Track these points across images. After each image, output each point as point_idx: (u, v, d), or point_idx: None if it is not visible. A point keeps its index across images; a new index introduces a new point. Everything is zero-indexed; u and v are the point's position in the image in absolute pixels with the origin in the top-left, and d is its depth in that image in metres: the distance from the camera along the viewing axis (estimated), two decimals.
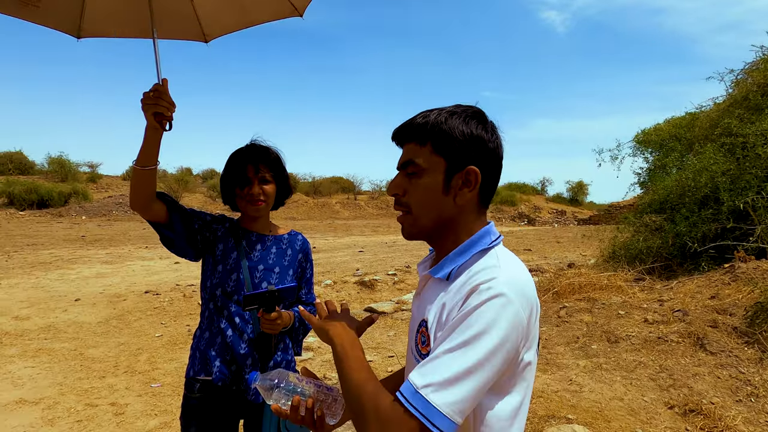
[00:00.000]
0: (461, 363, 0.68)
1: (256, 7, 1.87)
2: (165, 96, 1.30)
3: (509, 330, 0.70)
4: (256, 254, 1.54)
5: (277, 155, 1.58)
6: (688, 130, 8.16)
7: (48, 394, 3.66)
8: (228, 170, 1.54)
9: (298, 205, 29.50)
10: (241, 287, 1.49)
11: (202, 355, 1.51)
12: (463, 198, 0.82)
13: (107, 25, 1.85)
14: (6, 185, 23.29)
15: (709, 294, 4.13)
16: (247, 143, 1.58)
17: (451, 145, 0.81)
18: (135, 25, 1.78)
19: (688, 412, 2.69)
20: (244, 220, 1.60)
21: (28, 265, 9.95)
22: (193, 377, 1.51)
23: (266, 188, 1.52)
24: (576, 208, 31.81)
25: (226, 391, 1.49)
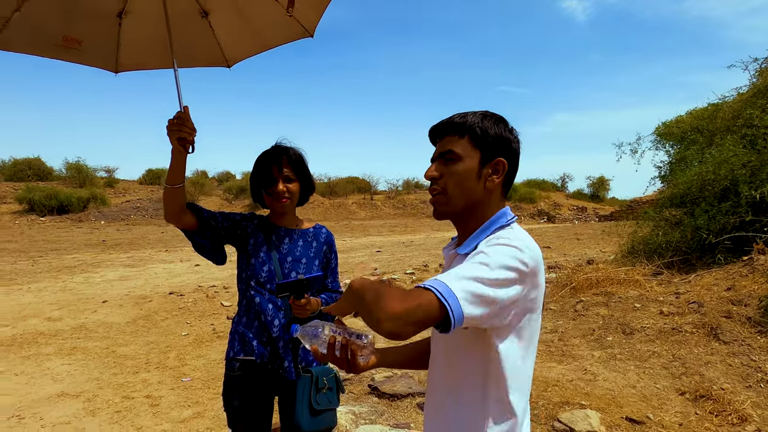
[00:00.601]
0: (476, 271, 0.81)
1: (271, 32, 2.03)
2: (187, 122, 1.46)
3: (518, 264, 0.85)
4: (285, 247, 1.70)
5: (300, 155, 1.72)
6: (710, 121, 8.06)
7: (87, 388, 3.88)
8: (255, 171, 1.70)
9: (314, 206, 29.84)
10: (272, 277, 1.64)
11: (240, 337, 1.67)
12: (492, 184, 0.99)
13: (141, 58, 2.05)
14: (26, 191, 23.85)
15: (725, 286, 4.15)
16: (273, 145, 1.73)
17: (485, 140, 0.98)
18: (168, 56, 1.95)
19: (698, 397, 2.75)
20: (272, 216, 1.76)
21: (54, 270, 10.37)
22: (233, 357, 1.67)
23: (290, 186, 1.67)
24: (597, 205, 31.35)
25: (263, 369, 1.64)
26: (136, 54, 2.01)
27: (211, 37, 2.03)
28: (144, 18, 1.92)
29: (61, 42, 1.81)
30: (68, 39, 1.81)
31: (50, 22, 1.78)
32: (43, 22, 1.76)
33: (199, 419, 3.26)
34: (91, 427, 3.22)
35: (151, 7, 1.83)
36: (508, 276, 0.82)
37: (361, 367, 0.97)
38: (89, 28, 1.86)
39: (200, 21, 1.99)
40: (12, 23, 1.69)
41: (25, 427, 3.24)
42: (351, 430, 2.44)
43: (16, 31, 1.73)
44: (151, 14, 1.87)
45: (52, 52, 1.85)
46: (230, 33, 2.05)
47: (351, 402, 2.87)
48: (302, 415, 1.56)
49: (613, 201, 31.82)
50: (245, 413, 1.65)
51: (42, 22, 1.76)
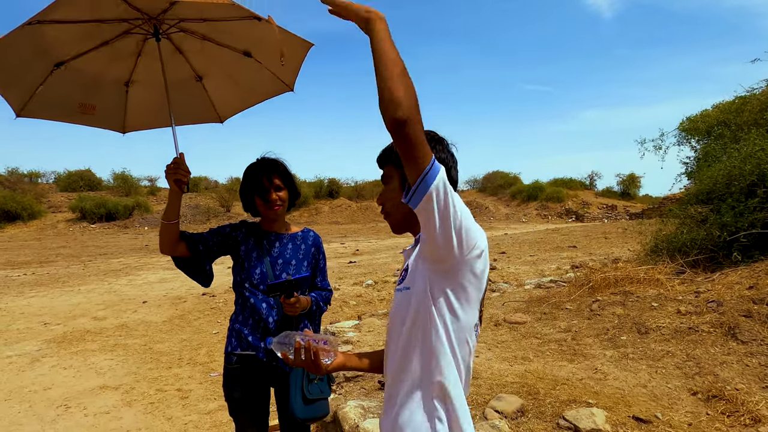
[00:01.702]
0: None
1: (257, 90, 2.27)
2: (182, 166, 1.71)
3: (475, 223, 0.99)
4: (276, 250, 1.88)
5: (286, 166, 1.91)
6: (737, 115, 7.77)
7: (125, 382, 4.21)
8: (246, 182, 1.88)
9: (342, 209, 30.22)
10: (265, 278, 1.83)
11: (237, 333, 1.86)
12: None
13: (144, 119, 2.34)
14: (78, 201, 25.67)
15: (748, 284, 4.05)
16: (258, 158, 1.91)
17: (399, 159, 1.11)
18: (167, 118, 2.25)
19: (711, 397, 2.73)
20: (264, 223, 1.94)
21: (102, 273, 11.03)
22: (231, 351, 1.86)
23: (281, 194, 1.86)
24: (628, 202, 30.34)
25: (258, 363, 1.82)
26: (139, 116, 2.31)
27: (205, 98, 2.32)
28: (147, 85, 2.20)
29: (78, 109, 2.10)
30: (84, 106, 2.10)
31: (69, 92, 2.06)
32: (63, 93, 2.04)
33: (223, 411, 3.49)
34: (127, 416, 3.51)
35: (153, 75, 2.11)
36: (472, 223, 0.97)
37: (325, 367, 1.12)
38: (102, 96, 2.15)
39: (195, 84, 2.27)
40: (36, 96, 1.98)
41: (71, 415, 3.56)
42: (359, 423, 2.58)
43: (40, 102, 2.02)
44: (152, 81, 2.15)
45: (70, 118, 2.16)
46: (222, 93, 2.33)
47: (361, 397, 3.02)
48: (296, 404, 1.72)
49: (646, 198, 30.68)
50: (244, 403, 1.84)
51: (62, 93, 2.04)
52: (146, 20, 1.87)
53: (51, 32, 1.78)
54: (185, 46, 2.11)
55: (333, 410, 2.80)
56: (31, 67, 1.90)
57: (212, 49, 2.11)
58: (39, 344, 5.45)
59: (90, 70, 2.03)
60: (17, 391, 4.03)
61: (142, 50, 2.07)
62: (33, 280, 10.20)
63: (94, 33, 1.89)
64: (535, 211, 29.56)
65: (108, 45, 1.96)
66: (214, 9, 1.84)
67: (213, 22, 1.96)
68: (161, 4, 1.80)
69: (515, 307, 5.08)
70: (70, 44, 1.91)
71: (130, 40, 1.99)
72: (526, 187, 31.49)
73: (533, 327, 4.30)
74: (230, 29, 2.00)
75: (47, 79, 1.95)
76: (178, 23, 1.96)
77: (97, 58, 1.99)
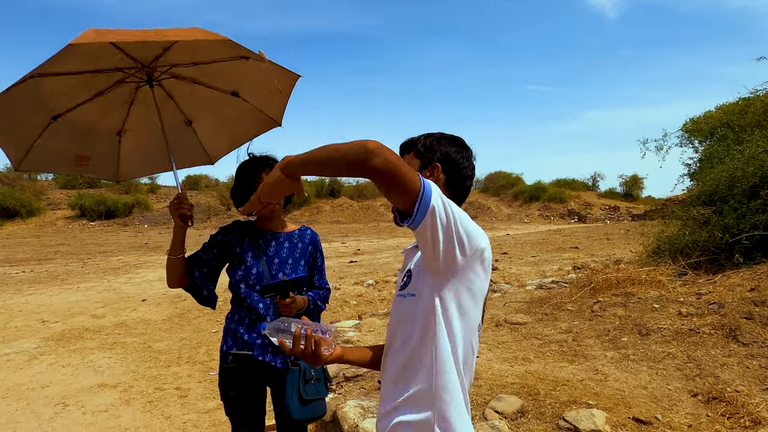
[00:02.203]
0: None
1: (246, 128, 2.27)
2: (185, 201, 1.73)
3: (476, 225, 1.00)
4: (272, 250, 1.86)
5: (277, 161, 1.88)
6: (741, 116, 7.74)
7: (124, 380, 4.19)
8: (240, 180, 1.85)
9: (343, 208, 30.21)
10: (261, 279, 1.80)
11: (233, 333, 1.84)
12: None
13: (137, 167, 2.40)
14: (78, 198, 25.67)
15: (750, 286, 4.03)
16: (249, 156, 1.89)
17: (423, 151, 1.16)
18: (158, 164, 2.32)
19: (711, 399, 2.72)
20: (259, 222, 1.92)
21: (101, 271, 11.03)
22: (227, 351, 1.84)
23: None
24: (631, 204, 30.29)
25: (254, 362, 1.80)
26: (132, 164, 2.36)
27: (196, 141, 2.35)
28: (139, 134, 2.24)
29: (74, 160, 2.15)
30: (79, 157, 2.15)
31: (65, 144, 2.10)
32: (59, 145, 2.08)
33: (222, 410, 3.45)
34: (125, 415, 3.50)
35: (145, 123, 2.16)
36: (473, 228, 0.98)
37: (324, 358, 1.10)
38: (95, 147, 2.19)
39: (186, 129, 2.30)
40: (33, 149, 2.01)
41: (69, 413, 3.55)
42: (359, 423, 2.57)
43: (37, 156, 2.05)
44: (144, 129, 2.21)
45: (66, 168, 2.23)
46: (211, 135, 2.36)
47: (361, 396, 3.01)
48: (293, 405, 1.70)
49: (648, 200, 30.64)
50: (240, 403, 1.82)
51: (58, 146, 2.08)
52: (140, 68, 1.91)
53: (49, 84, 1.82)
54: (176, 92, 2.15)
55: (332, 410, 2.78)
56: (29, 120, 1.94)
57: (201, 92, 2.16)
58: (37, 342, 5.44)
59: (85, 121, 2.07)
60: (15, 389, 4.02)
61: (134, 99, 2.11)
62: (31, 277, 10.21)
63: (90, 83, 1.93)
64: (537, 211, 29.52)
65: (102, 95, 2.00)
66: (207, 47, 1.86)
67: (203, 65, 2.00)
68: (155, 50, 1.84)
69: (516, 308, 5.06)
70: (67, 96, 1.94)
71: (123, 88, 2.03)
72: (528, 188, 31.46)
73: (534, 328, 4.28)
74: (220, 71, 2.03)
75: (44, 132, 1.99)
76: (170, 69, 2.00)
77: (92, 108, 2.03)
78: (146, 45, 1.78)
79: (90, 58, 1.77)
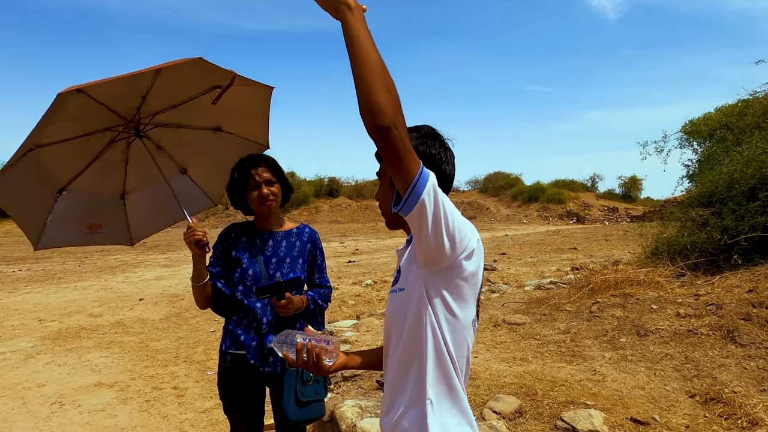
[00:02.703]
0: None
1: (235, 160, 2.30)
2: (197, 229, 1.74)
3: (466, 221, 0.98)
4: (269, 249, 1.84)
5: (275, 160, 1.88)
6: (740, 118, 7.75)
7: (120, 379, 4.18)
8: (236, 179, 1.83)
9: (341, 208, 30.20)
10: (258, 279, 1.79)
11: (231, 333, 1.83)
12: None
13: (147, 227, 2.41)
14: None
15: (748, 288, 4.03)
16: (245, 156, 1.87)
17: None
18: (167, 217, 2.35)
19: (708, 400, 2.71)
20: (257, 221, 1.90)
21: (98, 269, 11.00)
22: (225, 351, 1.83)
23: (273, 189, 1.81)
24: (629, 205, 30.35)
25: (250, 363, 1.79)
26: (142, 225, 2.38)
27: (195, 188, 2.38)
28: (140, 193, 2.28)
29: (87, 230, 2.18)
30: (91, 226, 2.18)
31: (75, 216, 2.13)
32: (70, 217, 2.12)
33: (219, 410, 3.46)
34: (122, 414, 3.48)
35: (143, 181, 2.21)
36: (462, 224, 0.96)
37: (326, 368, 1.10)
38: (103, 214, 2.23)
39: (182, 177, 2.32)
40: (47, 226, 2.05)
41: (65, 412, 3.53)
42: (357, 422, 2.56)
43: (52, 232, 2.09)
44: (144, 187, 2.25)
45: (82, 240, 2.23)
46: (207, 178, 2.40)
47: (359, 396, 3.00)
48: (289, 406, 1.69)
49: (647, 201, 30.71)
50: (238, 402, 1.81)
51: (69, 218, 2.12)
52: (126, 124, 1.96)
53: (47, 156, 1.85)
54: (164, 141, 2.17)
55: (330, 410, 2.77)
56: (37, 198, 1.98)
57: (187, 136, 2.19)
58: (34, 341, 5.42)
59: (87, 190, 2.11)
60: (11, 388, 4.00)
61: (128, 157, 2.14)
62: (28, 276, 10.18)
63: (85, 149, 1.97)
64: (536, 212, 29.55)
65: (98, 159, 2.05)
66: (181, 86, 1.89)
67: (181, 105, 2.04)
68: (135, 102, 1.89)
69: (515, 308, 5.06)
70: (66, 167, 1.99)
71: (116, 148, 2.07)
72: (527, 189, 31.49)
73: (532, 328, 4.28)
74: (198, 108, 2.06)
75: (53, 207, 2.03)
76: (153, 118, 2.04)
77: (91, 176, 2.07)
78: (124, 94, 1.82)
79: (78, 120, 1.81)
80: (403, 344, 1.04)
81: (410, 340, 1.03)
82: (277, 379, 1.80)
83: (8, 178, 1.79)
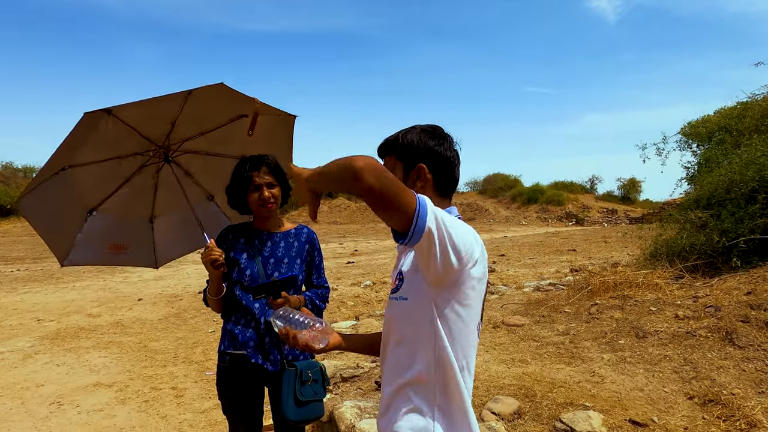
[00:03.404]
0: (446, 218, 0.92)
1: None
2: (215, 250, 1.76)
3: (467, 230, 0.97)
4: (267, 250, 1.85)
5: (276, 161, 1.87)
6: (739, 120, 7.76)
7: (119, 379, 4.17)
8: (237, 180, 1.82)
9: (340, 209, 30.20)
10: (255, 280, 1.80)
11: (230, 333, 1.84)
12: (417, 188, 1.09)
13: (172, 251, 2.46)
14: None
15: (746, 290, 4.04)
16: (246, 158, 1.86)
17: (405, 152, 1.11)
18: (191, 242, 2.38)
19: (707, 402, 2.72)
20: (255, 221, 1.91)
21: (96, 269, 10.98)
22: (224, 351, 1.83)
23: (274, 192, 1.82)
24: (628, 207, 30.41)
25: (249, 362, 1.80)
26: (167, 248, 2.42)
27: (221, 215, 2.42)
28: (168, 217, 2.32)
29: (113, 250, 2.23)
30: (117, 246, 2.23)
31: (103, 236, 2.17)
32: (98, 237, 2.16)
33: (218, 410, 3.46)
34: (121, 414, 3.48)
35: (171, 206, 2.25)
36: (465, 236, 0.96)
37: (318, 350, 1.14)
38: (131, 235, 2.27)
39: (209, 203, 2.37)
40: (76, 244, 2.10)
41: (64, 412, 3.53)
42: (356, 423, 2.56)
43: (79, 250, 2.13)
44: (172, 212, 2.29)
45: (108, 260, 2.27)
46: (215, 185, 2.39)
47: (358, 397, 3.00)
48: (288, 406, 1.69)
49: (646, 203, 30.78)
50: (237, 402, 1.81)
51: (97, 238, 2.15)
52: (156, 150, 2.02)
53: (80, 177, 1.91)
54: (192, 168, 2.24)
55: (329, 410, 2.78)
56: (67, 217, 2.03)
57: (214, 164, 2.24)
58: (32, 341, 5.41)
59: (117, 211, 2.15)
60: (9, 388, 4.00)
61: (157, 182, 2.19)
62: (26, 275, 10.16)
63: (116, 172, 2.03)
64: (535, 214, 29.58)
65: (129, 182, 2.10)
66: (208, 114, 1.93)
67: (209, 133, 2.08)
68: (164, 128, 1.94)
69: (514, 310, 5.06)
70: (97, 188, 2.04)
71: (146, 173, 2.13)
72: (526, 190, 31.53)
73: (531, 330, 4.28)
74: (226, 137, 2.11)
75: (83, 226, 2.08)
76: (182, 144, 2.10)
77: (122, 198, 2.13)
78: (153, 119, 1.87)
79: (110, 143, 1.86)
80: (403, 348, 1.04)
81: (410, 345, 1.03)
82: (275, 379, 1.80)
83: (39, 196, 1.83)
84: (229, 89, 1.77)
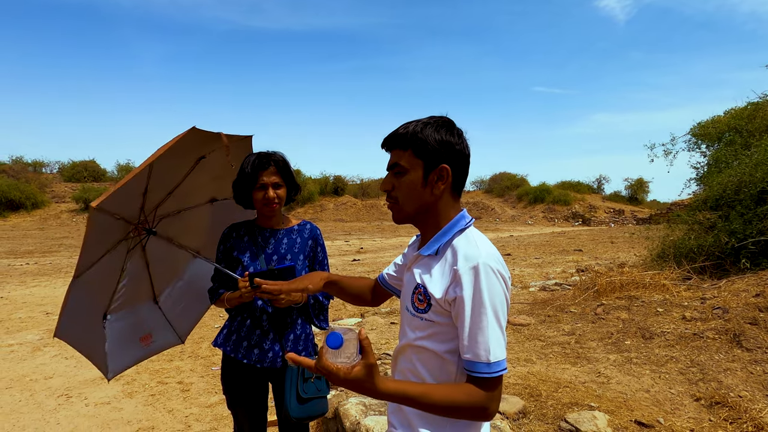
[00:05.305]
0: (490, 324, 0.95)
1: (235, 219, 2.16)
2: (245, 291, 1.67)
3: (502, 290, 0.98)
4: (270, 247, 1.85)
5: (285, 160, 1.83)
6: (749, 121, 7.69)
7: (126, 373, 4.20)
8: (243, 178, 1.79)
9: (346, 207, 30.23)
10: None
11: (228, 330, 1.87)
12: (438, 190, 1.06)
13: (190, 319, 2.43)
14: (82, 192, 25.84)
15: (755, 292, 4.00)
16: (255, 154, 1.82)
17: (426, 150, 1.04)
18: (202, 304, 2.37)
19: (714, 404, 2.70)
20: (259, 219, 1.90)
21: None
22: (224, 348, 1.86)
23: (279, 192, 1.80)
24: (636, 207, 30.20)
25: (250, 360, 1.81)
26: (182, 320, 2.36)
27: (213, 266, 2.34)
28: (170, 290, 2.27)
29: (142, 344, 2.18)
30: (144, 338, 2.19)
31: (125, 334, 2.11)
32: (123, 337, 2.10)
33: (224, 405, 3.48)
34: (128, 407, 3.52)
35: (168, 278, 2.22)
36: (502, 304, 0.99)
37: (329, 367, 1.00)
38: (148, 323, 2.21)
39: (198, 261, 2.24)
40: (109, 354, 2.03)
41: (72, 405, 3.57)
42: (360, 420, 2.57)
43: (114, 357, 2.07)
44: (171, 284, 2.26)
45: (144, 355, 2.22)
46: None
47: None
48: (290, 403, 1.69)
49: (653, 204, 30.54)
50: (241, 397, 1.82)
51: (122, 338, 2.09)
52: (134, 227, 1.93)
53: (88, 281, 1.83)
54: (171, 233, 2.13)
55: (334, 407, 2.79)
56: (92, 329, 1.96)
57: (189, 217, 2.16)
58: (41, 333, 5.47)
59: (125, 306, 2.08)
60: (18, 380, 4.05)
61: (147, 260, 2.11)
62: (35, 269, 10.27)
63: (111, 266, 1.94)
64: (541, 213, 29.45)
65: (124, 272, 2.02)
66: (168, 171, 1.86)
67: (176, 190, 2.00)
68: (137, 202, 1.87)
69: (519, 309, 5.05)
70: (103, 290, 1.96)
71: (135, 255, 2.04)
72: (533, 189, 31.40)
73: (537, 329, 4.27)
74: (192, 187, 2.03)
75: (105, 335, 2.01)
76: (155, 211, 2.01)
77: (124, 291, 2.05)
78: (128, 198, 1.78)
79: (101, 238, 1.78)
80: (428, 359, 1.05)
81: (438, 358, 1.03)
82: (279, 375, 1.81)
83: (68, 317, 1.77)
84: (199, 132, 1.66)
